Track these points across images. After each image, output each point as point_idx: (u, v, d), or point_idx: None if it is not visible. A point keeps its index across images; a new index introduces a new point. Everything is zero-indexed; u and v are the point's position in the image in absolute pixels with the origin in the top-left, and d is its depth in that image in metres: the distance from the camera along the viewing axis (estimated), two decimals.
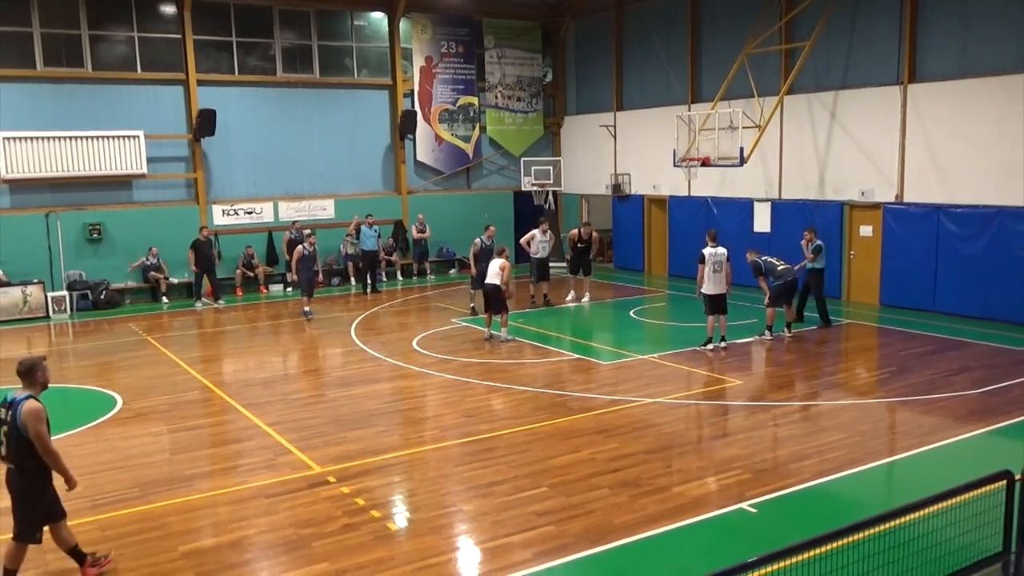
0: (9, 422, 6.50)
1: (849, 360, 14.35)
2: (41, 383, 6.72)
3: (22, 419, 6.43)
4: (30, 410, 6.44)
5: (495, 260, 15.86)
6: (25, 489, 6.62)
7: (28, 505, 6.64)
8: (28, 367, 6.68)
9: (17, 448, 6.50)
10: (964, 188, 16.76)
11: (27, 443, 6.47)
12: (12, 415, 6.47)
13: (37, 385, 6.69)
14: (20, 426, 6.44)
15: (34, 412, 6.45)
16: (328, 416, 11.43)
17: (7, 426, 6.52)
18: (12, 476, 6.63)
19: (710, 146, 18.80)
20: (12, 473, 6.62)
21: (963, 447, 9.72)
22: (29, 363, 6.71)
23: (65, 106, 20.28)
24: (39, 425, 6.46)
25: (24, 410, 6.44)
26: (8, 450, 6.54)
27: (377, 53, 24.50)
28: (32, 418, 6.43)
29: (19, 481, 6.60)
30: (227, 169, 22.46)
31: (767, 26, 19.56)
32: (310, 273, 18.35)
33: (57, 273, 20.22)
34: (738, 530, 7.71)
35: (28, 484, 6.61)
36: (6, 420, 6.53)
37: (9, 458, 6.57)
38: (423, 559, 7.18)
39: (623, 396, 11.99)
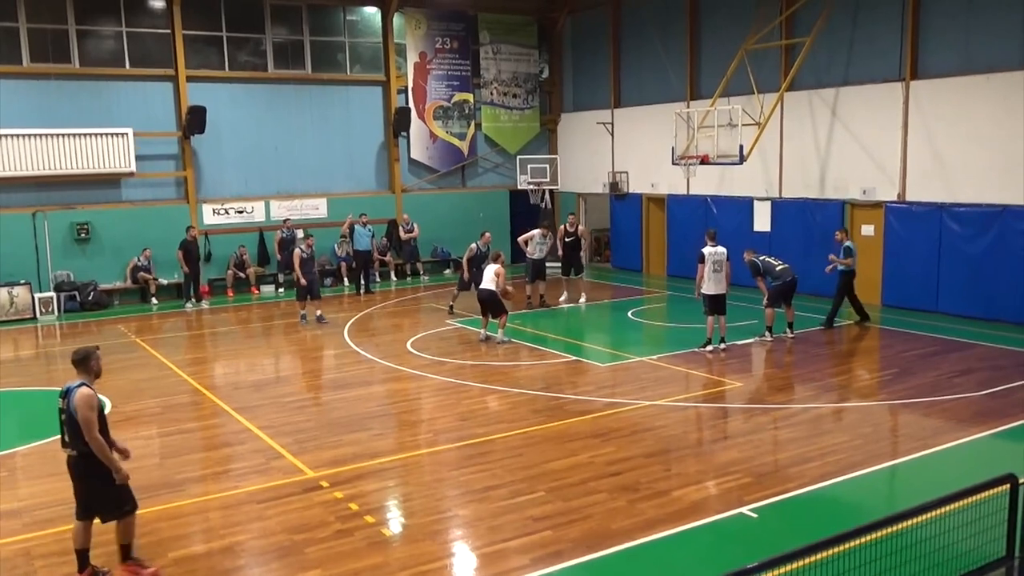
0: (67, 410, 6.81)
1: (851, 362, 14.25)
2: (95, 371, 7.05)
3: (74, 405, 6.72)
4: (82, 396, 6.74)
5: (490, 266, 15.75)
6: (93, 472, 6.83)
7: (101, 487, 6.87)
8: (83, 356, 7.02)
9: (74, 433, 6.78)
10: (967, 186, 16.64)
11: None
12: (68, 402, 6.79)
13: (91, 373, 7.00)
14: (72, 411, 6.73)
15: (85, 399, 6.74)
16: (321, 419, 11.30)
17: (65, 414, 6.83)
18: (76, 461, 6.87)
19: (709, 144, 18.68)
20: (75, 458, 6.86)
21: (966, 450, 9.63)
22: (84, 352, 7.06)
23: (52, 103, 20.06)
24: (88, 412, 6.72)
25: (76, 396, 6.74)
26: (69, 436, 6.84)
27: (370, 49, 24.31)
28: (83, 404, 6.71)
29: (85, 466, 6.83)
30: (217, 167, 22.26)
31: (767, 21, 19.42)
32: (311, 276, 17.72)
33: (44, 274, 20.00)
34: (738, 535, 7.63)
35: (89, 468, 6.83)
36: (64, 408, 6.83)
37: (70, 444, 6.84)
38: (418, 565, 7.10)
39: (621, 399, 11.85)
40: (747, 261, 15.46)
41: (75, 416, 6.72)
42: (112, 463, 6.84)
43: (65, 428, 6.86)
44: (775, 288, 15.19)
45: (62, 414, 6.88)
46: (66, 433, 6.86)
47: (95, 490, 6.88)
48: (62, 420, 6.88)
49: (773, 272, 15.25)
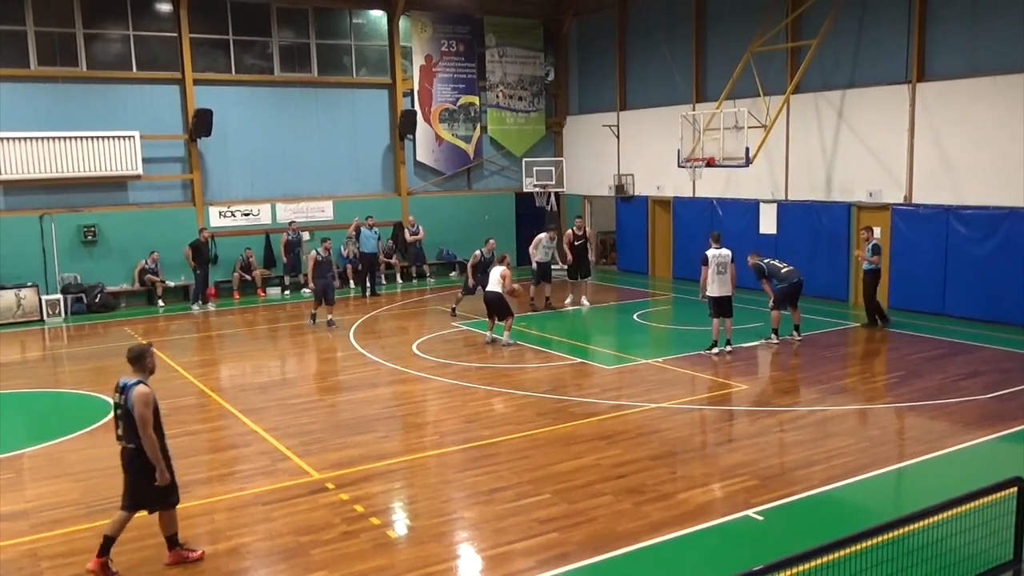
0: (123, 404, 7.04)
1: (857, 364, 14.22)
2: (149, 368, 7.26)
3: (132, 401, 6.96)
4: (140, 394, 6.98)
5: (496, 268, 15.76)
6: (140, 467, 7.05)
7: (145, 481, 7.08)
8: (137, 354, 7.25)
9: (130, 428, 7.01)
10: (974, 189, 16.59)
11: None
12: (125, 398, 7.02)
13: (146, 371, 7.21)
14: (130, 407, 6.97)
15: (143, 396, 6.98)
16: (327, 421, 11.30)
17: (121, 408, 7.07)
18: (132, 455, 7.08)
19: (715, 146, 18.64)
20: (130, 451, 7.09)
21: (973, 453, 9.59)
22: (138, 351, 7.29)
23: (59, 106, 20.13)
24: (145, 409, 6.96)
25: (135, 393, 6.97)
26: (125, 430, 7.07)
27: (376, 52, 24.34)
28: (140, 402, 6.95)
29: (135, 459, 7.06)
30: (224, 170, 22.30)
31: (773, 24, 19.40)
32: (326, 280, 17.49)
33: (51, 276, 20.05)
34: (744, 538, 7.62)
35: (143, 462, 7.03)
36: (120, 403, 7.07)
37: (127, 437, 7.07)
38: (423, 567, 7.09)
39: (627, 401, 11.83)
40: (751, 265, 15.43)
41: (132, 412, 6.95)
42: (159, 462, 7.04)
43: (121, 422, 7.10)
44: (781, 290, 15.15)
45: (118, 408, 7.11)
46: (121, 427, 7.10)
47: (146, 483, 7.07)
48: (118, 414, 7.12)
49: (779, 274, 15.21)
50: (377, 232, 22.30)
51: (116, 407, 7.15)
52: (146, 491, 7.11)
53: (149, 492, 7.12)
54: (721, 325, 14.45)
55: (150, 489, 7.10)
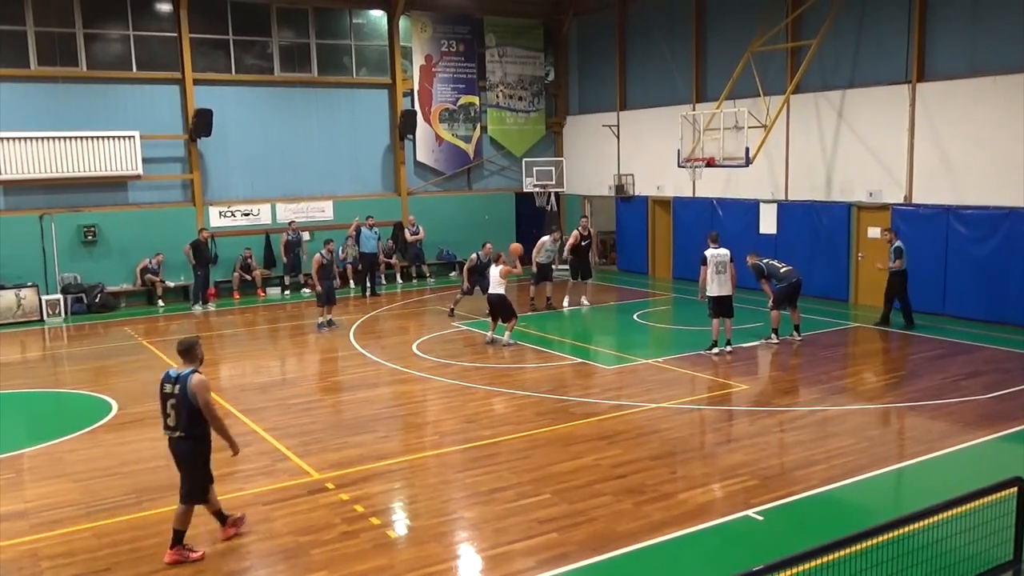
0: (178, 395, 7.19)
1: (857, 364, 14.20)
2: (199, 358, 7.48)
3: (191, 390, 7.14)
4: (199, 381, 7.21)
5: (493, 268, 15.74)
6: (196, 455, 7.34)
7: (199, 469, 7.39)
8: (188, 346, 7.46)
9: (188, 418, 7.19)
10: (974, 189, 16.59)
11: (196, 412, 7.20)
12: (181, 388, 7.17)
13: (196, 360, 7.42)
14: (190, 396, 7.14)
15: (203, 383, 7.24)
16: (327, 421, 11.30)
17: (175, 399, 7.21)
18: (182, 444, 7.30)
19: (715, 146, 18.64)
20: (182, 441, 7.29)
21: (973, 453, 9.60)
22: (188, 343, 7.50)
23: (59, 106, 20.13)
24: (207, 395, 7.25)
25: (193, 381, 7.18)
26: (178, 420, 7.23)
27: (376, 52, 24.34)
28: (201, 388, 7.20)
29: (191, 448, 7.30)
30: (224, 170, 22.31)
31: (773, 24, 19.39)
32: (329, 282, 17.32)
33: (51, 276, 20.05)
34: (744, 538, 7.62)
35: (199, 450, 7.34)
36: (174, 393, 7.22)
37: (179, 427, 7.24)
38: (423, 567, 7.10)
39: (627, 401, 11.83)
40: (751, 265, 15.43)
41: (191, 400, 7.14)
42: (231, 438, 7.51)
43: (173, 412, 7.25)
44: (780, 290, 15.15)
45: (169, 399, 7.25)
46: (172, 417, 7.25)
47: (190, 471, 7.36)
48: (169, 404, 7.26)
49: (777, 274, 15.21)
50: (377, 232, 22.29)
51: (168, 397, 7.27)
52: (192, 479, 7.36)
53: (194, 480, 7.36)
54: (721, 325, 14.45)
55: (196, 478, 7.36)
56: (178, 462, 7.42)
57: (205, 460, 7.43)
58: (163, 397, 7.33)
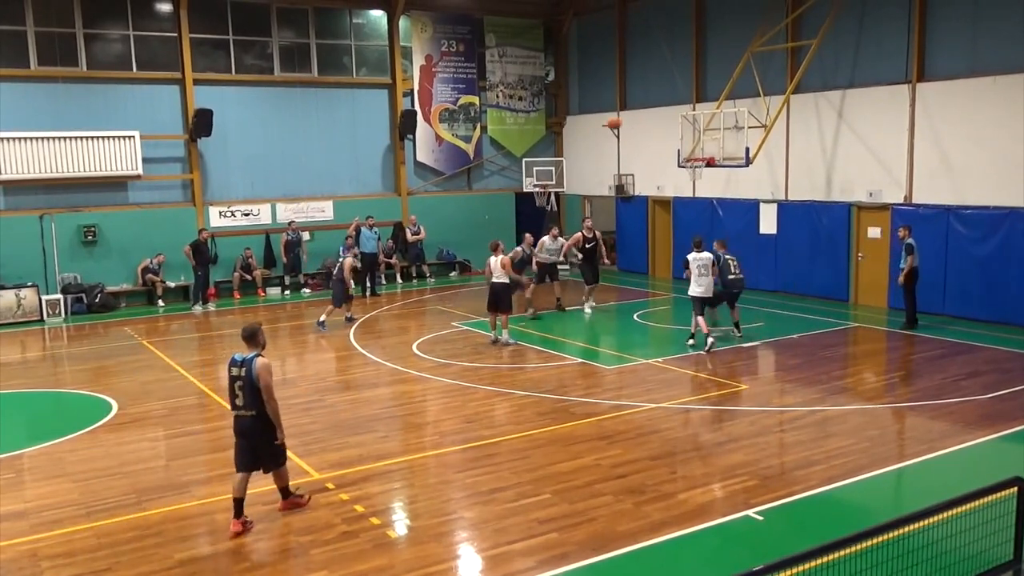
0: (244, 377, 7.79)
1: (857, 364, 14.20)
2: (262, 343, 8.10)
3: (256, 372, 7.75)
4: (264, 365, 7.84)
5: (494, 258, 15.71)
6: (266, 430, 7.92)
7: (268, 444, 7.98)
8: (252, 332, 8.09)
9: (255, 397, 7.79)
10: (974, 189, 16.58)
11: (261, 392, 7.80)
12: (247, 370, 7.78)
13: (260, 345, 8.04)
14: (255, 378, 7.75)
15: (268, 367, 7.86)
16: (327, 422, 11.29)
17: (242, 380, 7.81)
18: (252, 422, 7.90)
19: (715, 146, 18.64)
20: (252, 419, 7.89)
21: (973, 453, 9.59)
22: (251, 329, 8.14)
23: (60, 106, 20.12)
24: (270, 377, 7.85)
25: (259, 364, 7.80)
26: (246, 399, 7.84)
27: (376, 52, 24.34)
28: (266, 371, 7.81)
29: (261, 424, 7.90)
30: (224, 170, 22.30)
31: (773, 24, 19.39)
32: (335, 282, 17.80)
33: (51, 276, 20.04)
34: (744, 538, 7.62)
35: (267, 425, 7.91)
36: (241, 376, 7.83)
37: (249, 405, 7.85)
38: (423, 567, 7.10)
39: (627, 401, 11.83)
40: (713, 249, 15.49)
41: (256, 382, 7.73)
42: (280, 422, 7.98)
43: (241, 392, 7.85)
44: (719, 292, 15.24)
45: (237, 380, 7.86)
46: (241, 397, 7.86)
47: (266, 444, 7.94)
48: (237, 385, 7.86)
49: (725, 276, 15.20)
50: (377, 232, 22.28)
51: (235, 379, 7.87)
52: (265, 453, 7.98)
53: (267, 453, 7.98)
54: (708, 319, 14.81)
55: (268, 450, 7.97)
56: (246, 437, 7.98)
57: (271, 436, 7.98)
58: (230, 380, 7.94)
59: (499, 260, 15.56)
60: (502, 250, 15.79)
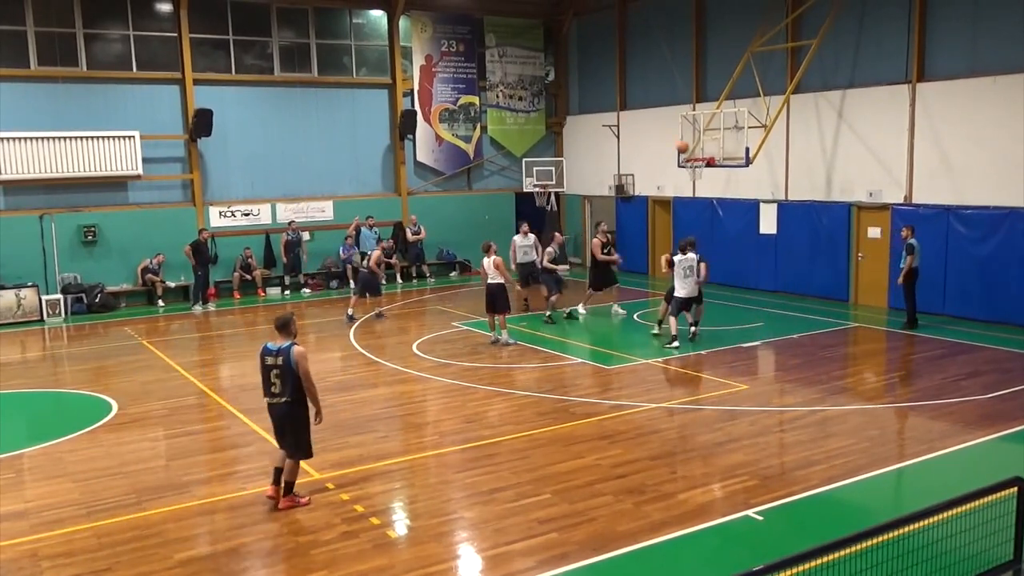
0: (282, 365, 8.06)
1: (857, 364, 14.19)
2: (294, 333, 8.34)
3: (295, 359, 8.04)
4: (300, 352, 8.11)
5: (487, 259, 15.65)
6: (302, 417, 8.27)
7: (305, 430, 8.33)
8: (284, 322, 8.30)
9: (294, 384, 8.09)
10: (974, 189, 16.58)
11: (298, 379, 8.10)
12: (284, 359, 8.05)
13: (292, 335, 8.27)
14: (293, 365, 8.03)
15: (304, 354, 8.14)
16: (327, 421, 11.10)
17: (279, 369, 8.08)
18: (289, 408, 8.20)
19: (715, 146, 18.63)
20: (289, 405, 8.19)
21: (973, 453, 9.59)
22: (285, 318, 8.34)
23: (59, 106, 20.12)
24: (308, 364, 8.15)
25: (296, 352, 8.07)
26: (284, 387, 8.12)
27: (376, 52, 24.34)
28: (303, 358, 8.10)
29: (297, 411, 8.24)
30: (224, 170, 22.30)
31: (773, 24, 19.39)
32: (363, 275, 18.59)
33: (51, 276, 20.04)
34: (744, 538, 7.62)
35: (303, 413, 8.26)
36: (277, 364, 8.09)
37: (286, 393, 8.13)
38: (423, 567, 7.09)
39: (627, 401, 11.83)
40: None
41: (294, 368, 8.03)
42: (319, 404, 8.35)
43: (278, 380, 8.12)
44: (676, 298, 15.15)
45: (273, 369, 8.13)
46: (279, 384, 8.14)
47: (296, 431, 8.27)
48: (274, 374, 8.13)
49: (682, 278, 15.05)
50: (377, 232, 22.26)
51: (271, 368, 8.13)
52: (291, 439, 8.27)
53: (292, 440, 8.27)
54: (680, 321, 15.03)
55: (294, 438, 8.26)
56: (281, 424, 8.30)
57: (306, 422, 8.28)
58: (265, 368, 8.19)
59: (492, 261, 15.51)
60: (495, 251, 15.73)
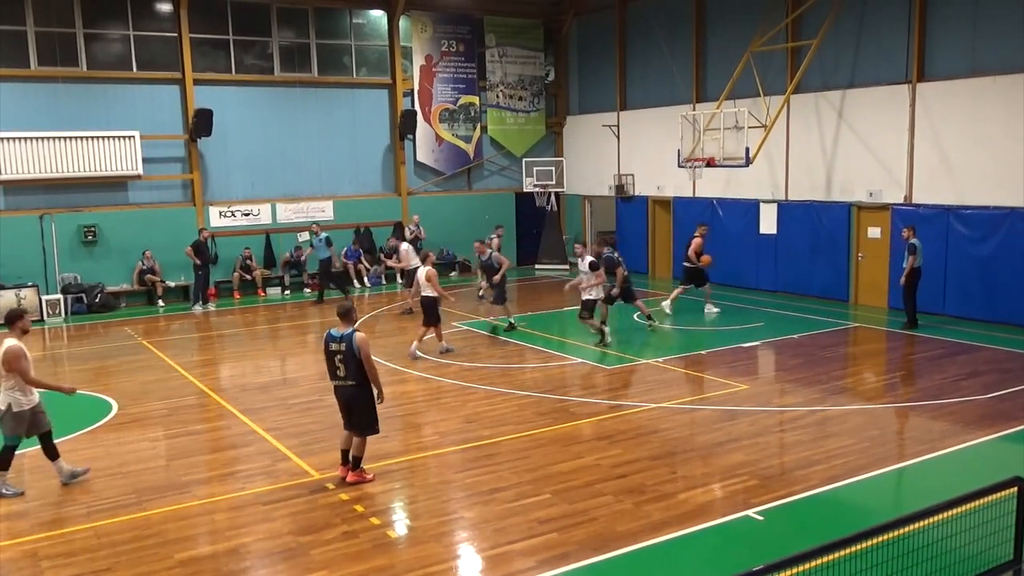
0: (345, 351, 8.58)
1: (857, 364, 14.19)
2: (355, 320, 8.94)
3: (357, 344, 8.57)
4: (362, 338, 8.66)
5: (422, 269, 15.08)
6: (366, 398, 8.79)
7: (371, 409, 8.84)
8: (346, 310, 8.90)
9: (356, 368, 8.62)
10: (974, 189, 16.58)
11: (360, 363, 8.61)
12: (348, 345, 8.57)
13: (353, 322, 8.83)
14: (356, 350, 8.56)
15: (366, 340, 8.70)
16: (327, 421, 11.26)
17: (342, 354, 8.60)
18: (354, 391, 8.75)
19: (715, 146, 18.63)
20: (353, 389, 8.74)
21: (973, 453, 9.60)
22: (346, 307, 8.95)
23: (60, 106, 20.12)
24: (369, 348, 8.67)
25: (358, 339, 8.61)
26: (347, 371, 8.66)
27: (376, 52, 24.34)
28: (364, 344, 8.64)
29: (362, 393, 8.77)
30: (224, 170, 22.30)
31: (773, 23, 19.39)
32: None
33: (51, 276, 20.05)
34: (744, 538, 7.62)
35: (367, 394, 8.79)
36: (342, 350, 8.60)
37: (350, 376, 8.68)
38: (423, 567, 7.10)
39: (627, 401, 11.84)
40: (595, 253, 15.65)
41: (356, 354, 8.54)
42: (380, 387, 8.88)
43: (343, 364, 8.64)
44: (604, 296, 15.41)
45: (337, 354, 8.65)
46: (343, 368, 8.65)
47: (362, 411, 8.79)
48: (338, 359, 8.65)
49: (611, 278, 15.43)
50: (323, 237, 20.91)
51: (335, 354, 8.65)
52: (359, 419, 8.80)
53: (360, 420, 8.81)
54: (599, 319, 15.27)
55: (362, 417, 8.79)
56: (347, 405, 8.84)
57: (371, 402, 8.78)
58: (330, 354, 8.72)
59: (427, 271, 14.83)
60: (432, 261, 15.29)
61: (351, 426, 8.93)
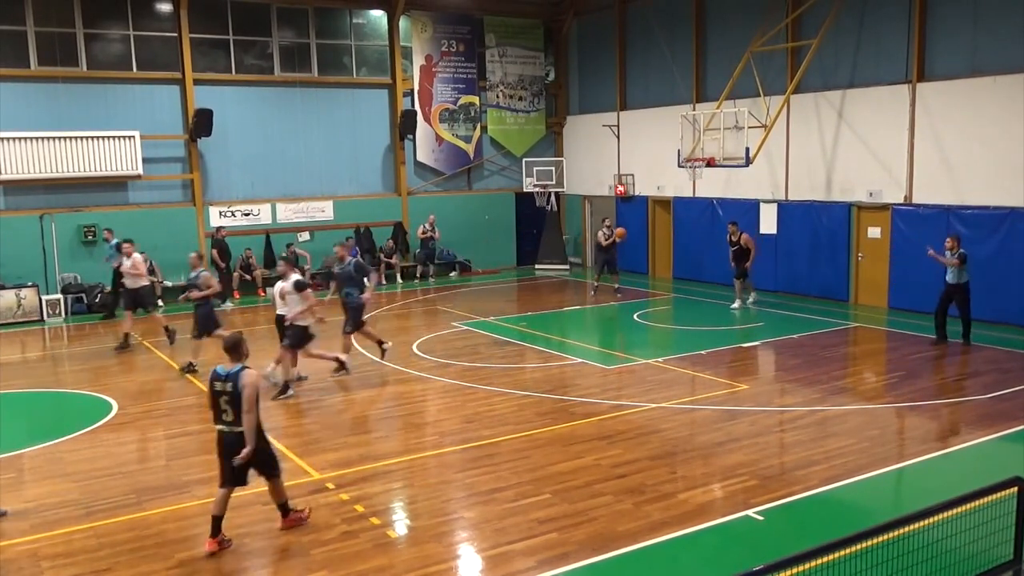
0: (231, 392, 7.37)
1: (857, 364, 14.19)
2: (246, 354, 7.65)
3: (243, 383, 7.34)
4: (253, 377, 7.43)
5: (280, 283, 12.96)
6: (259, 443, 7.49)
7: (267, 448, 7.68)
8: (234, 343, 7.63)
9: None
10: (974, 189, 16.57)
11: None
12: (234, 384, 7.36)
13: (243, 356, 7.61)
14: (241, 389, 7.31)
15: (256, 379, 7.48)
16: (326, 422, 11.29)
17: (228, 396, 7.39)
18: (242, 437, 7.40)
19: (715, 146, 18.63)
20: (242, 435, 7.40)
21: (973, 453, 9.60)
22: (234, 339, 7.68)
23: (60, 106, 20.11)
24: (254, 391, 7.38)
25: (246, 376, 7.39)
26: (235, 415, 7.39)
27: (376, 52, 24.34)
28: (253, 384, 7.38)
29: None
30: (224, 170, 22.29)
31: (773, 23, 19.39)
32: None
33: (52, 276, 20.04)
34: (744, 538, 7.62)
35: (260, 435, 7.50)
36: (227, 391, 7.40)
37: (238, 421, 7.39)
38: (423, 567, 7.10)
39: (627, 401, 11.83)
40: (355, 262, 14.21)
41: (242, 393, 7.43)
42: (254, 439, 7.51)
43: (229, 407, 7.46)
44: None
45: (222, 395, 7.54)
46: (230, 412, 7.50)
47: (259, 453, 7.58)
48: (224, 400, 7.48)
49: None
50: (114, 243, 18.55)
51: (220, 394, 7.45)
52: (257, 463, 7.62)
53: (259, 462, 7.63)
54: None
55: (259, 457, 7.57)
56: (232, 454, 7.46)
57: (265, 440, 7.67)
58: (215, 395, 7.51)
59: (282, 288, 12.85)
60: (293, 270, 13.14)
61: (239, 478, 7.56)
